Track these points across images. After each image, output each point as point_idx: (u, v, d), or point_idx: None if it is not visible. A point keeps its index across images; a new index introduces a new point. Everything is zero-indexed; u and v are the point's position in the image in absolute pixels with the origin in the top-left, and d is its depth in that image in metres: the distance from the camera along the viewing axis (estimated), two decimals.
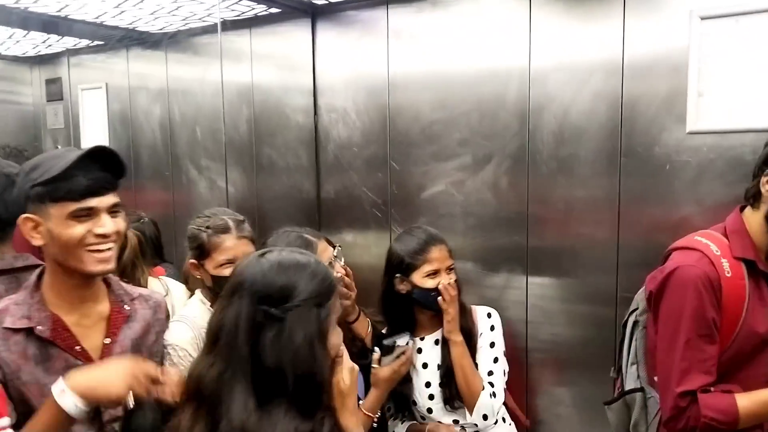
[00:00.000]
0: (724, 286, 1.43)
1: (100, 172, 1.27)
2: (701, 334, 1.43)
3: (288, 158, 2.80)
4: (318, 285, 1.10)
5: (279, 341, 1.06)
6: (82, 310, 1.34)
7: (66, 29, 2.95)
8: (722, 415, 1.40)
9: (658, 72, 1.94)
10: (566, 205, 2.14)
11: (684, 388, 1.43)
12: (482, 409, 1.84)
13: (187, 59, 3.06)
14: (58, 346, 1.29)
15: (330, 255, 1.84)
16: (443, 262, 1.89)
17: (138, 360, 1.28)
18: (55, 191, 1.24)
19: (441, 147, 2.38)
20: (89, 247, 1.26)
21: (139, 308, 1.45)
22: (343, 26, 2.60)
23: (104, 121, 3.43)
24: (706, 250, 1.47)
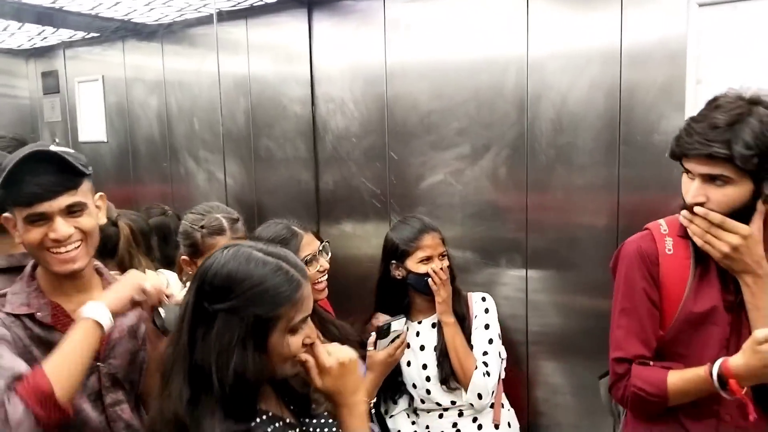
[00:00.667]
0: (663, 263, 1.47)
1: (49, 174, 1.23)
2: (634, 304, 1.47)
3: (286, 149, 2.79)
4: (258, 293, 1.06)
5: (208, 339, 1.06)
6: (78, 298, 1.34)
7: (61, 21, 2.94)
8: (650, 387, 1.42)
9: (656, 59, 1.94)
10: (565, 193, 2.14)
11: (617, 354, 1.47)
12: (476, 388, 1.91)
13: (184, 50, 3.04)
14: (59, 332, 1.29)
15: (315, 248, 1.84)
16: (436, 249, 1.98)
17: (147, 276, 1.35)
18: (7, 196, 1.25)
19: (439, 137, 2.37)
20: (50, 250, 1.26)
21: None
22: (339, 16, 2.59)
23: (101, 114, 3.42)
24: (654, 228, 1.52)
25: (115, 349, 1.39)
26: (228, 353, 1.04)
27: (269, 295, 1.07)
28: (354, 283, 2.36)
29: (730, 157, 1.30)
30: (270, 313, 1.07)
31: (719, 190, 1.36)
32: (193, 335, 1.07)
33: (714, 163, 1.33)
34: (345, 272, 2.44)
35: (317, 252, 1.84)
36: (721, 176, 1.34)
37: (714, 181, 1.36)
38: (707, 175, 1.36)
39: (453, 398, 1.98)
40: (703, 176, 1.37)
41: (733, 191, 1.35)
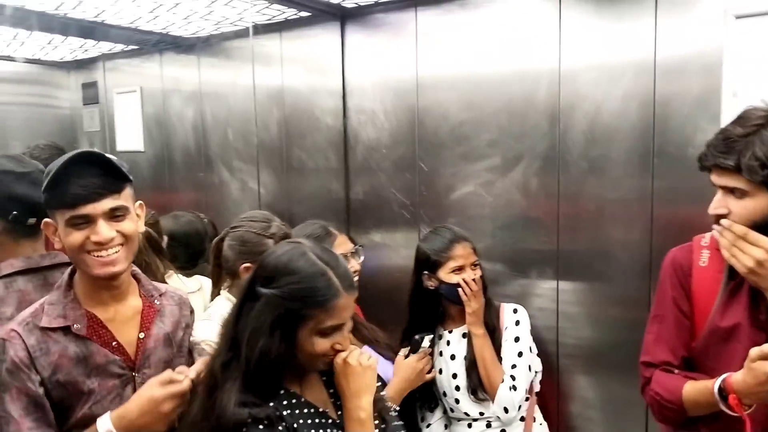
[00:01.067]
0: (695, 275, 1.47)
1: (94, 177, 1.25)
2: (664, 312, 1.50)
3: (317, 160, 2.83)
4: (297, 289, 1.16)
5: (248, 316, 1.18)
6: (115, 306, 1.36)
7: (102, 34, 3.03)
8: (667, 393, 1.43)
9: (691, 71, 1.92)
10: (598, 206, 2.12)
11: (645, 358, 1.50)
12: (502, 402, 1.91)
13: (219, 63, 3.11)
14: (95, 343, 1.31)
15: (348, 249, 1.92)
16: (467, 259, 2.00)
17: (163, 381, 1.29)
18: (51, 199, 1.26)
19: (470, 148, 2.38)
20: (91, 253, 1.27)
21: (166, 304, 1.47)
22: (371, 29, 2.62)
23: (139, 124, 3.50)
24: (696, 239, 1.53)
25: (150, 359, 1.39)
26: (259, 333, 1.16)
27: (304, 295, 1.16)
28: (383, 293, 2.38)
29: (737, 169, 1.30)
30: (301, 311, 1.16)
31: (738, 203, 1.35)
32: (240, 309, 1.21)
33: (727, 175, 1.34)
34: (374, 282, 2.46)
35: (349, 253, 1.90)
36: (737, 188, 1.34)
37: (733, 193, 1.36)
38: (726, 187, 1.37)
39: (481, 409, 1.98)
40: (723, 188, 1.38)
41: (751, 203, 1.34)
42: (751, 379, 1.25)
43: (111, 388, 1.32)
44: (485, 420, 1.98)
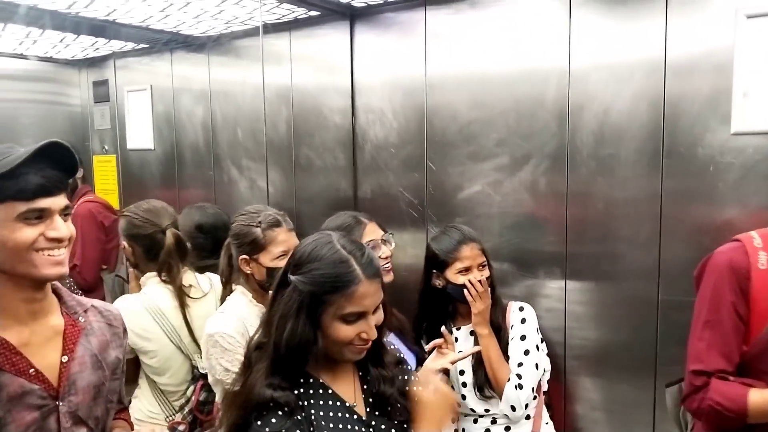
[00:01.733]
0: (754, 277, 1.42)
1: (52, 169, 1.15)
2: (720, 317, 1.44)
3: (326, 158, 2.84)
4: (318, 275, 1.21)
5: (279, 301, 1.23)
6: (32, 326, 1.21)
7: (113, 33, 3.05)
8: (730, 402, 1.40)
9: (701, 71, 1.91)
10: (606, 206, 2.12)
11: (697, 366, 1.45)
12: (509, 400, 1.91)
13: (229, 62, 3.13)
14: (8, 372, 1.15)
15: (378, 236, 1.97)
16: (474, 260, 2.00)
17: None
18: (1, 191, 1.11)
19: (478, 147, 2.38)
20: (42, 252, 1.15)
21: (93, 320, 1.33)
22: (381, 28, 2.62)
23: (149, 122, 3.53)
24: (746, 240, 1.48)
25: (76, 384, 1.24)
26: (287, 317, 1.20)
27: (325, 281, 1.21)
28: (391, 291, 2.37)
29: None
30: (323, 297, 1.20)
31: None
32: (275, 295, 1.26)
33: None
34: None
35: (380, 240, 1.94)
36: None
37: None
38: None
39: (487, 406, 1.99)
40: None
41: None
42: None
43: (29, 423, 1.16)
44: (491, 416, 1.99)
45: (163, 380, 1.95)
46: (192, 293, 2.01)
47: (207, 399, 1.93)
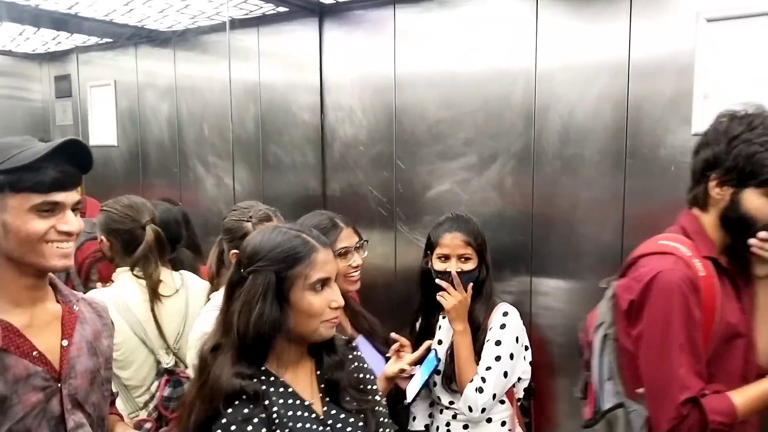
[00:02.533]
0: (702, 286, 1.44)
1: (68, 165, 1.20)
2: (692, 337, 1.42)
3: (294, 156, 2.82)
4: (278, 255, 1.25)
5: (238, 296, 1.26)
6: (32, 311, 1.25)
7: (76, 27, 2.98)
8: (726, 417, 1.39)
9: (664, 73, 1.95)
10: (571, 205, 2.15)
11: (687, 395, 1.39)
12: (467, 400, 1.88)
13: (196, 57, 3.08)
14: (13, 354, 1.18)
15: (352, 243, 1.91)
16: (454, 250, 1.96)
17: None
18: (19, 181, 1.15)
19: (447, 146, 2.39)
20: (52, 243, 1.19)
21: (84, 310, 1.37)
22: (350, 25, 2.62)
23: (112, 118, 3.45)
24: (677, 253, 1.48)
25: (75, 368, 1.28)
26: (251, 304, 1.23)
27: (286, 256, 1.25)
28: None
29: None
30: (287, 271, 1.24)
31: None
32: (229, 297, 1.28)
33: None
34: None
35: (354, 247, 1.89)
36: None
37: None
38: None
39: (451, 399, 1.98)
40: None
41: None
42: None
43: (35, 403, 1.20)
44: (453, 410, 1.99)
45: (126, 374, 1.92)
46: (163, 290, 1.98)
47: (172, 395, 1.90)
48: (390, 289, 2.59)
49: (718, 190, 1.49)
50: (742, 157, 1.43)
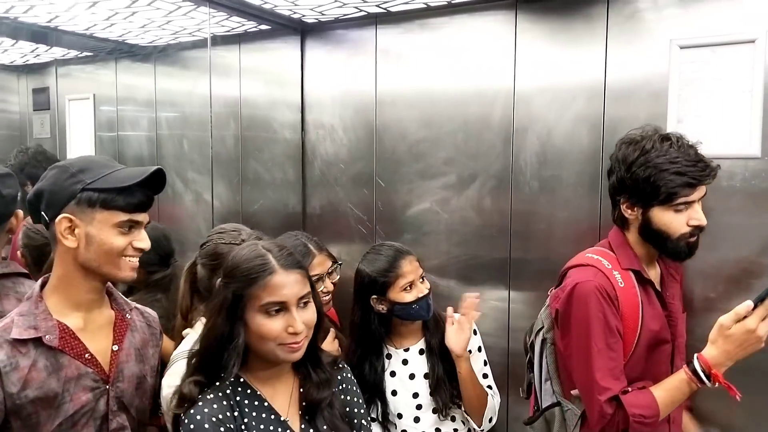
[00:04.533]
0: (620, 296, 1.58)
1: (148, 189, 1.35)
2: (609, 341, 1.55)
3: (274, 173, 2.81)
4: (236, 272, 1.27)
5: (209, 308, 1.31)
6: (88, 315, 1.35)
7: (55, 40, 2.95)
8: (648, 410, 1.51)
9: (638, 97, 1.99)
10: (548, 225, 2.17)
11: (607, 395, 1.52)
12: (489, 413, 1.93)
13: (176, 72, 3.07)
14: (67, 354, 1.29)
15: (325, 269, 1.89)
16: (416, 273, 1.93)
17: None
18: (112, 200, 1.28)
19: (427, 165, 2.41)
20: (128, 258, 1.33)
21: (137, 319, 1.48)
22: (332, 44, 2.64)
23: (91, 132, 3.42)
24: (598, 265, 1.63)
25: (123, 372, 1.38)
26: (212, 318, 1.26)
27: (241, 275, 1.26)
28: (338, 309, 2.37)
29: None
30: (241, 291, 1.25)
31: (700, 207, 1.58)
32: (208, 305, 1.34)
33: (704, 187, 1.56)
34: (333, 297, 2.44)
35: (326, 273, 1.88)
36: (704, 194, 1.57)
37: (699, 201, 1.57)
38: (700, 198, 1.57)
39: (439, 426, 1.94)
40: (700, 199, 1.57)
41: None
42: (731, 345, 1.40)
43: (84, 402, 1.30)
44: None
45: None
46: None
47: None
48: None
49: (629, 212, 1.65)
50: (640, 180, 1.58)
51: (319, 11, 2.45)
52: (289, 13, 2.50)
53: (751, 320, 1.38)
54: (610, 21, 2.02)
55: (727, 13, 1.83)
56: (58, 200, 1.29)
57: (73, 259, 1.30)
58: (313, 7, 2.39)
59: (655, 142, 1.57)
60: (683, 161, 1.53)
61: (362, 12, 2.44)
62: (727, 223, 1.84)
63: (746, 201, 1.83)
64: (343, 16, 2.51)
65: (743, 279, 1.83)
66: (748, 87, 1.80)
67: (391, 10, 2.39)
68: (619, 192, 1.66)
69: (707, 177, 1.55)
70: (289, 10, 2.46)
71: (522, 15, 2.17)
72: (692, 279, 1.90)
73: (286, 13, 2.51)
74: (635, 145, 1.61)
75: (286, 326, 1.25)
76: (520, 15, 2.18)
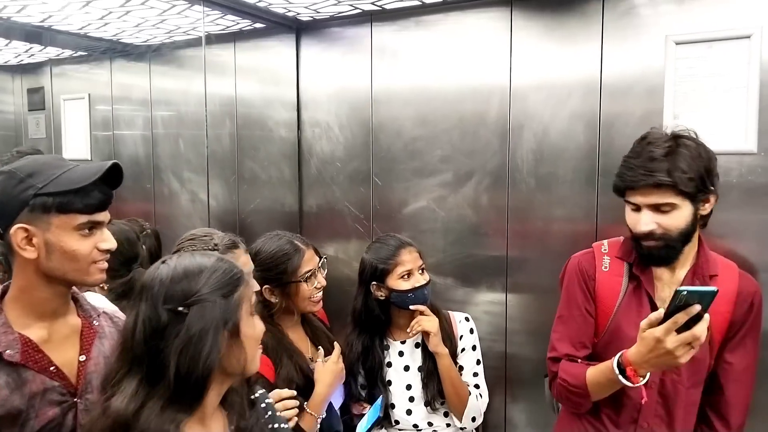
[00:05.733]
0: (598, 279, 1.66)
1: (106, 186, 1.25)
2: (571, 313, 1.67)
3: (271, 172, 2.81)
4: (219, 278, 1.12)
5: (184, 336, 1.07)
6: (52, 324, 1.27)
7: (49, 40, 2.94)
8: (573, 378, 1.59)
9: (634, 93, 1.99)
10: (545, 222, 2.17)
11: (552, 354, 1.68)
12: (471, 412, 1.95)
13: (171, 71, 3.06)
14: (31, 369, 1.20)
15: (315, 264, 1.89)
16: (415, 263, 1.99)
17: None
18: (68, 202, 1.19)
19: (423, 163, 2.40)
20: (97, 262, 1.25)
21: (105, 325, 1.39)
22: (327, 42, 2.63)
23: (86, 132, 3.41)
24: (596, 247, 1.73)
25: (92, 383, 1.29)
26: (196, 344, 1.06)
27: (227, 279, 1.13)
28: (336, 306, 2.36)
29: (674, 184, 1.46)
30: (231, 294, 1.12)
31: (667, 217, 1.51)
32: (151, 341, 1.08)
33: (659, 192, 1.48)
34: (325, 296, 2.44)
35: (317, 268, 1.87)
36: (666, 203, 1.49)
37: (660, 209, 1.51)
38: (653, 205, 1.51)
39: (431, 419, 1.99)
40: (650, 206, 1.51)
41: (679, 215, 1.50)
42: (644, 348, 1.40)
43: (51, 417, 1.22)
44: (432, 429, 2.00)
45: None
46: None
47: None
48: None
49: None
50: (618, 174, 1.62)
51: (314, 9, 2.44)
52: (283, 11, 2.49)
53: (658, 330, 1.36)
54: (605, 17, 2.01)
55: (722, 8, 1.83)
56: (9, 210, 1.18)
57: (35, 269, 1.21)
58: (308, 4, 2.38)
59: (638, 140, 1.60)
60: (631, 162, 1.54)
61: (357, 9, 2.43)
62: (723, 219, 1.83)
63: (742, 196, 1.83)
64: (338, 14, 2.51)
65: None
66: (743, 82, 1.80)
67: (386, 7, 2.38)
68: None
69: (636, 183, 1.50)
70: (283, 8, 2.46)
71: (517, 12, 2.17)
72: None
73: (280, 11, 2.50)
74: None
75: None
76: (516, 12, 2.17)
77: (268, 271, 1.85)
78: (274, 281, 1.85)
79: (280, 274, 1.85)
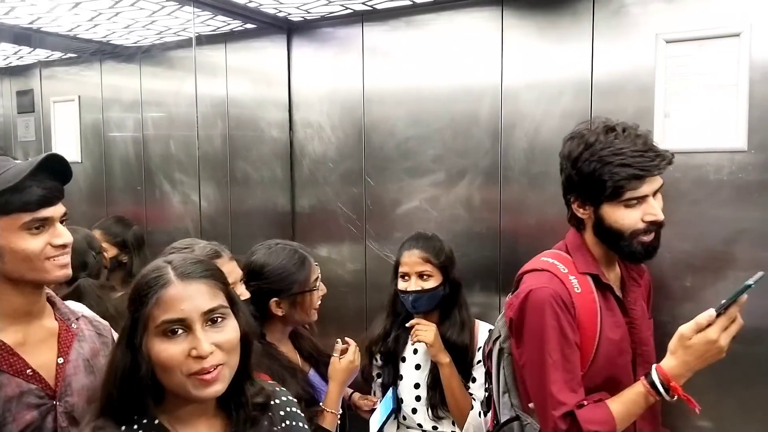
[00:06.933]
0: (576, 303, 1.47)
1: (50, 180, 1.22)
2: (565, 352, 1.44)
3: (263, 172, 2.80)
4: (133, 292, 1.08)
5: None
6: (27, 327, 1.25)
7: (38, 41, 2.92)
8: (604, 426, 1.40)
9: (625, 92, 1.99)
10: (538, 221, 2.17)
11: (562, 410, 1.42)
12: (470, 427, 1.90)
13: (162, 73, 3.04)
14: (6, 372, 1.19)
15: (318, 271, 1.88)
16: (413, 267, 1.95)
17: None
18: (7, 204, 1.16)
19: (415, 163, 2.40)
20: (52, 259, 1.23)
21: (84, 328, 1.37)
22: (318, 42, 2.62)
23: (76, 134, 3.38)
24: (553, 269, 1.51)
25: (71, 386, 1.28)
26: (112, 350, 1.10)
27: (137, 295, 1.06)
28: (329, 308, 2.35)
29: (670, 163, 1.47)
30: (137, 314, 1.05)
31: (659, 200, 1.48)
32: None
33: (657, 177, 1.46)
34: None
35: (319, 277, 1.86)
36: (659, 188, 1.47)
37: (656, 195, 1.47)
38: (656, 191, 1.47)
39: (435, 424, 1.98)
40: (654, 193, 1.47)
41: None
42: (690, 356, 1.31)
43: (29, 421, 1.20)
44: None
45: None
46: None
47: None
48: (360, 306, 2.58)
49: (582, 211, 1.54)
50: (585, 176, 1.47)
51: (305, 9, 2.43)
52: (274, 11, 2.48)
53: (713, 330, 1.29)
54: (596, 16, 2.02)
55: (711, 6, 1.84)
56: None
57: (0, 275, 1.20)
58: (299, 5, 2.37)
59: (599, 135, 1.48)
60: (629, 152, 1.42)
61: (348, 10, 2.43)
62: (714, 216, 1.84)
63: (733, 194, 1.84)
64: (330, 14, 2.50)
65: (730, 272, 1.84)
66: (733, 80, 1.81)
67: (377, 7, 2.38)
68: (569, 190, 1.57)
69: (656, 167, 1.44)
70: (274, 9, 2.45)
71: (508, 11, 2.17)
72: (679, 272, 1.91)
73: (271, 12, 2.49)
74: (579, 139, 1.51)
75: (189, 349, 1.03)
76: (507, 11, 2.17)
77: (278, 283, 1.76)
78: (283, 293, 1.77)
79: (291, 284, 1.77)
